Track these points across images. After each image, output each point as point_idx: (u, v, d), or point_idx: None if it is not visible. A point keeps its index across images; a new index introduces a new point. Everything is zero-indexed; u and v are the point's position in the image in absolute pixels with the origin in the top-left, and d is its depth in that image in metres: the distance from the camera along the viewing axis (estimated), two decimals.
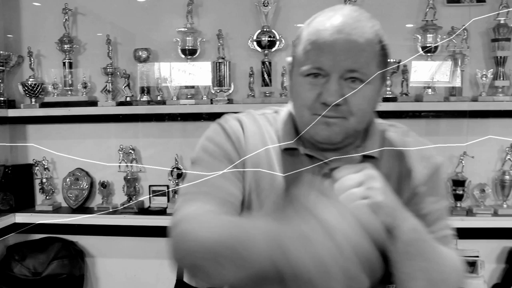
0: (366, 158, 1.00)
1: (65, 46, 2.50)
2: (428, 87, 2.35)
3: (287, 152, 1.01)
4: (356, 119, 0.92)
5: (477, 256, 2.26)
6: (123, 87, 2.49)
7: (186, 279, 2.41)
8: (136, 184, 2.54)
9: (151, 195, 2.52)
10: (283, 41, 2.41)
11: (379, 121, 1.09)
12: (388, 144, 1.04)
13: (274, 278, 0.62)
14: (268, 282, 0.67)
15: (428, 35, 2.33)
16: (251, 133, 1.02)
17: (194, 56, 2.46)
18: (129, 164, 2.50)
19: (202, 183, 0.93)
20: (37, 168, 2.58)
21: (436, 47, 2.34)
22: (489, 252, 2.40)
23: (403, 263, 0.87)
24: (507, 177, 2.36)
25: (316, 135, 0.94)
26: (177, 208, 0.94)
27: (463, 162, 2.36)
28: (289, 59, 1.01)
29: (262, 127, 1.04)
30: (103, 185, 2.55)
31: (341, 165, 0.90)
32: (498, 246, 2.42)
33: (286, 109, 1.07)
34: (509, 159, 2.36)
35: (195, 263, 0.78)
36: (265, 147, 0.99)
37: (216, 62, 2.41)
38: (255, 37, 2.41)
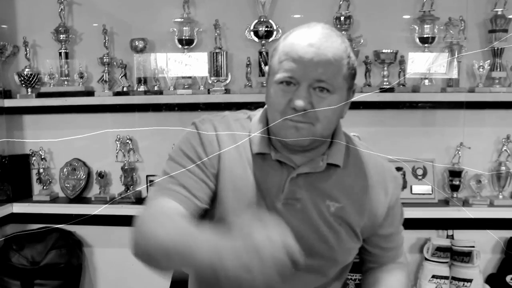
0: (330, 166, 1.10)
1: (61, 36, 2.49)
2: (425, 78, 2.35)
3: (259, 156, 1.10)
4: (322, 125, 1.02)
5: (473, 246, 2.28)
6: (120, 77, 2.48)
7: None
8: (134, 174, 2.54)
9: (148, 185, 2.53)
10: (280, 31, 2.40)
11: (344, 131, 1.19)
12: (353, 154, 1.14)
13: (213, 280, 0.77)
14: (208, 282, 0.84)
15: (425, 26, 2.33)
16: (225, 138, 1.11)
17: (191, 46, 2.45)
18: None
19: (174, 180, 1.06)
20: (34, 158, 2.58)
21: (433, 38, 2.34)
22: (485, 242, 2.41)
23: None
24: (503, 168, 2.37)
25: (286, 137, 1.03)
26: (148, 198, 1.09)
27: (459, 153, 2.37)
28: (266, 68, 1.13)
29: (235, 132, 1.13)
30: (101, 175, 2.55)
31: (307, 170, 1.07)
32: (493, 236, 2.44)
33: (259, 114, 1.16)
34: (505, 150, 2.37)
35: (150, 258, 0.94)
36: (237, 151, 1.09)
37: (213, 52, 2.40)
38: (252, 27, 2.40)
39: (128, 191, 2.52)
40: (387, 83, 2.36)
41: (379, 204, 1.13)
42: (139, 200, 2.52)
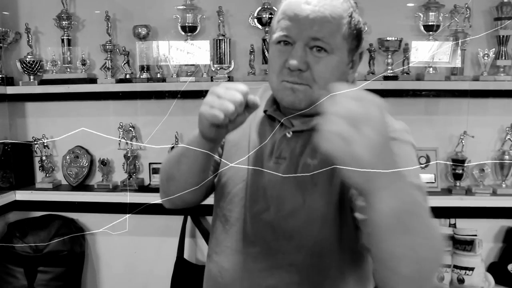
0: None
1: (63, 22, 2.48)
2: (429, 66, 2.33)
3: (268, 116, 1.12)
4: (319, 87, 0.97)
5: (475, 235, 2.28)
6: (123, 64, 2.47)
7: (186, 256, 2.43)
8: (136, 161, 2.54)
9: (151, 173, 2.53)
10: None
11: None
12: None
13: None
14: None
15: (430, 14, 2.31)
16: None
17: (194, 33, 2.44)
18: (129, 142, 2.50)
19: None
20: (36, 145, 2.58)
21: (438, 26, 2.32)
22: (487, 231, 2.41)
23: (381, 238, 0.75)
24: (506, 157, 2.36)
25: (282, 100, 1.02)
26: None
27: (463, 141, 2.36)
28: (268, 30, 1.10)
29: (259, 93, 1.15)
30: (103, 162, 2.55)
31: (299, 128, 1.05)
32: (496, 225, 2.44)
33: None
34: (509, 139, 2.36)
35: (171, 177, 1.10)
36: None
37: (216, 39, 2.39)
38: (255, 14, 2.38)
39: (131, 178, 2.52)
40: (391, 71, 2.35)
41: None
42: (142, 187, 2.52)
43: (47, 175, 2.59)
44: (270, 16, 2.35)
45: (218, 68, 2.40)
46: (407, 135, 1.05)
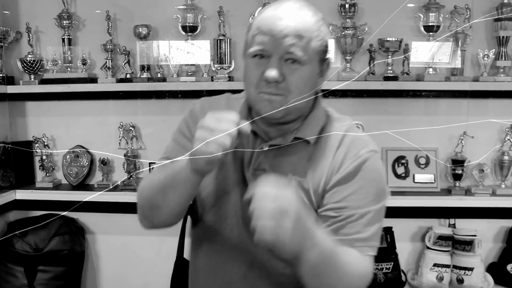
0: (300, 141, 1.11)
1: (64, 22, 2.48)
2: (429, 67, 2.34)
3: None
4: (294, 96, 1.04)
5: (475, 235, 2.29)
6: (123, 64, 2.47)
7: (186, 255, 2.43)
8: (136, 161, 2.55)
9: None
10: None
11: (332, 113, 1.19)
12: (328, 135, 1.13)
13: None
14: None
15: (431, 14, 2.31)
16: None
17: (194, 33, 2.44)
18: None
19: (165, 151, 1.24)
20: (37, 145, 2.58)
21: (438, 27, 2.32)
22: (486, 231, 2.42)
23: (310, 281, 0.99)
24: (506, 157, 2.37)
25: (260, 111, 1.06)
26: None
27: (462, 142, 2.37)
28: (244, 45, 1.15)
29: (223, 103, 1.24)
30: (103, 162, 2.55)
31: (276, 142, 1.10)
32: (495, 225, 2.44)
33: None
34: (508, 139, 2.37)
35: (150, 204, 1.14)
36: None
37: (217, 39, 2.39)
38: (256, 14, 2.39)
39: (131, 178, 2.52)
40: (391, 71, 2.35)
41: (330, 174, 1.10)
42: None
43: (48, 174, 2.60)
44: None
45: (219, 68, 2.40)
46: (376, 156, 1.13)
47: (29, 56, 2.49)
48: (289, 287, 1.13)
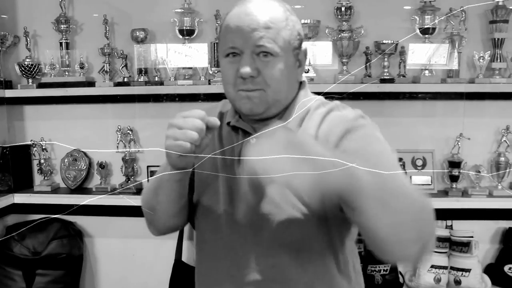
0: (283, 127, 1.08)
1: (62, 26, 2.49)
2: (426, 69, 2.35)
3: (232, 127, 1.17)
4: (273, 89, 1.05)
5: (472, 237, 2.30)
6: (121, 67, 2.48)
7: (184, 258, 2.44)
8: (134, 164, 2.55)
9: (149, 176, 2.54)
10: None
11: (321, 100, 1.17)
12: (310, 119, 1.11)
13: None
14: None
15: (426, 17, 2.33)
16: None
17: (191, 37, 2.45)
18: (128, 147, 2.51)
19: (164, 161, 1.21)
20: (35, 148, 2.59)
21: (434, 29, 2.34)
22: (483, 232, 2.43)
23: (375, 213, 0.84)
24: (502, 158, 2.38)
25: (241, 108, 1.08)
26: None
27: (459, 143, 2.38)
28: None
29: (219, 108, 1.24)
30: (101, 165, 2.56)
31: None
32: (492, 226, 2.45)
33: None
34: (504, 141, 2.37)
35: (151, 206, 1.17)
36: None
37: (214, 43, 2.40)
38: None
39: (129, 181, 2.53)
40: (388, 73, 2.37)
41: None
42: (140, 190, 2.50)
43: (46, 178, 2.60)
44: None
45: (216, 71, 2.41)
46: (362, 120, 1.09)
47: (27, 60, 2.49)
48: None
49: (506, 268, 2.35)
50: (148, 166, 2.56)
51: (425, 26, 2.33)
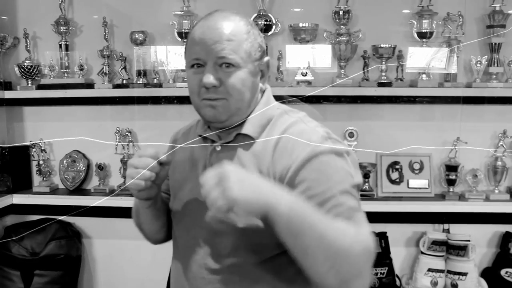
0: (246, 137, 1.13)
1: (61, 28, 2.50)
2: (423, 73, 2.36)
3: (203, 138, 1.20)
4: (235, 98, 1.09)
5: (469, 240, 2.30)
6: (120, 69, 2.49)
7: None
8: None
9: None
10: (279, 25, 2.41)
11: (284, 108, 1.19)
12: (273, 127, 1.14)
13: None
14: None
15: (424, 21, 2.34)
16: (184, 132, 1.32)
17: None
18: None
19: None
20: (34, 149, 2.60)
21: (431, 33, 2.35)
22: (480, 236, 2.43)
23: (290, 243, 0.95)
24: (499, 163, 2.39)
25: (205, 116, 1.13)
26: None
27: (456, 147, 2.38)
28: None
29: (194, 126, 1.28)
30: (100, 167, 2.57)
31: (222, 142, 1.15)
32: (489, 230, 2.46)
33: None
34: (501, 145, 2.38)
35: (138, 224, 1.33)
36: (188, 139, 1.24)
37: None
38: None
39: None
40: (385, 77, 2.38)
41: (282, 168, 1.07)
42: None
43: (44, 179, 2.61)
44: (265, 23, 2.38)
45: None
46: (325, 143, 1.06)
47: (27, 61, 2.50)
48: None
49: (502, 272, 2.35)
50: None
51: (423, 30, 2.34)
